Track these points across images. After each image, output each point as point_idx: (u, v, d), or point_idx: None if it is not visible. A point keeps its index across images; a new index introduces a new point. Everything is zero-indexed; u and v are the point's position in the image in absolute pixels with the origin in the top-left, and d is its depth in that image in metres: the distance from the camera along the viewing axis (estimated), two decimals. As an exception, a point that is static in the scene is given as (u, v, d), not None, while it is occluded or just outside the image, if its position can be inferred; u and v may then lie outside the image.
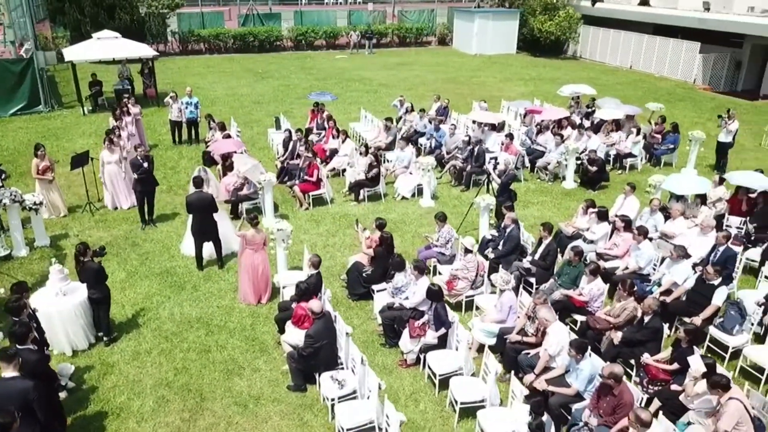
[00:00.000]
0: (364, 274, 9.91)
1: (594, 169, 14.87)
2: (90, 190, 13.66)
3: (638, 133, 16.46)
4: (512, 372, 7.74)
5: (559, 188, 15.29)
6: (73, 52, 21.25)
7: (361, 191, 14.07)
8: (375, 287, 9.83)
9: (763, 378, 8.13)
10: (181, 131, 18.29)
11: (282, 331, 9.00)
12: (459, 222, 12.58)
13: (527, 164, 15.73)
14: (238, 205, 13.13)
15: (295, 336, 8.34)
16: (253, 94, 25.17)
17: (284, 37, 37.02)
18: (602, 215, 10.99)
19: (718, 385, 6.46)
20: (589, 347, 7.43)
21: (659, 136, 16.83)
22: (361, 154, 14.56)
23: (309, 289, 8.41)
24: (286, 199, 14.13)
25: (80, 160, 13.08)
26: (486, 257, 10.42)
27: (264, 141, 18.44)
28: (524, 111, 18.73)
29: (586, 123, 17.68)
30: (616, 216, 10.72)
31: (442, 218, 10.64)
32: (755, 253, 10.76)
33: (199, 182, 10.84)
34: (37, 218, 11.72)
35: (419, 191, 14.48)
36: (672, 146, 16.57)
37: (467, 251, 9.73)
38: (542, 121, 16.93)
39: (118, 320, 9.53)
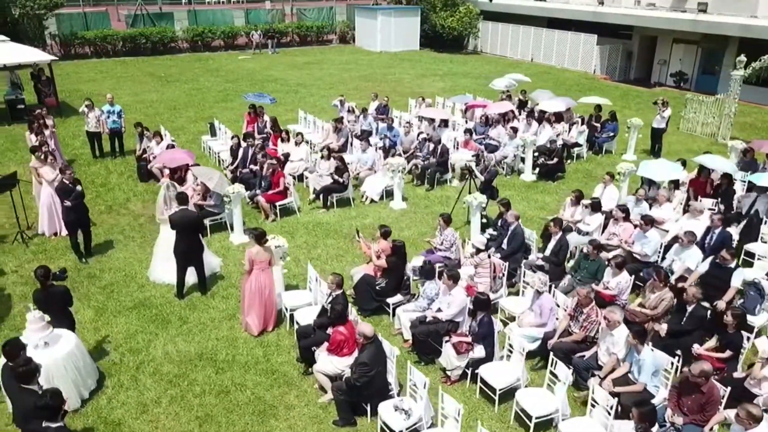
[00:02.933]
0: (377, 287, 9.18)
1: (555, 160, 15.03)
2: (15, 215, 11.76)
3: (582, 123, 16.90)
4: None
5: (518, 181, 15.30)
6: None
7: (329, 197, 13.23)
8: (390, 300, 9.16)
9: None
10: (101, 143, 16.36)
11: (304, 359, 8.13)
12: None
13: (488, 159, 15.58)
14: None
15: (332, 364, 7.51)
16: (163, 99, 23.24)
17: (179, 38, 34.74)
18: (595, 206, 11.01)
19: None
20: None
21: (598, 125, 17.38)
22: (323, 157, 13.73)
23: (345, 312, 7.60)
24: (247, 212, 12.98)
25: (7, 182, 11.18)
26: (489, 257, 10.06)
27: (198, 149, 16.93)
28: (464, 106, 18.66)
29: (521, 115, 17.88)
30: (617, 206, 10.75)
31: (447, 220, 10.16)
32: (735, 233, 11.24)
33: (183, 199, 9.57)
34: (-33, 255, 9.86)
35: (387, 193, 13.90)
36: (612, 134, 17.19)
37: (478, 251, 9.33)
38: (485, 115, 16.91)
39: (105, 367, 8.15)
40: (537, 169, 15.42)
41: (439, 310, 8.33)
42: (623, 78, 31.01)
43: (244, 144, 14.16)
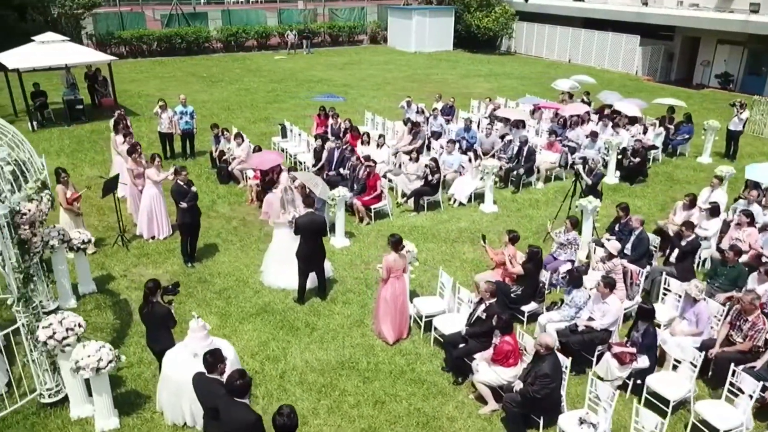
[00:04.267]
0: (512, 295, 8.93)
1: (637, 160, 14.78)
2: (105, 218, 11.54)
3: (660, 125, 16.65)
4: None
5: (601, 184, 15.01)
6: (13, 59, 18.12)
7: (420, 200, 12.99)
8: (525, 308, 8.92)
9: None
10: (172, 144, 16.13)
11: (455, 369, 7.89)
12: (548, 224, 11.90)
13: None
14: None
15: (496, 375, 7.27)
16: (214, 100, 23.01)
17: (213, 38, 34.53)
18: (714, 210, 10.75)
19: None
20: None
21: (672, 127, 17.13)
22: (411, 159, 13.49)
23: (512, 322, 7.35)
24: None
25: (111, 185, 10.94)
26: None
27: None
28: (532, 107, 18.40)
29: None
30: (741, 211, 10.49)
31: (575, 223, 9.95)
32: None
33: (311, 202, 9.33)
34: (82, 260, 9.60)
35: (474, 196, 13.64)
36: (687, 136, 16.92)
37: (611, 256, 9.08)
38: (562, 117, 16.67)
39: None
40: (618, 172, 15.17)
41: (590, 318, 8.09)
42: (664, 79, 30.78)
43: (333, 144, 13.89)
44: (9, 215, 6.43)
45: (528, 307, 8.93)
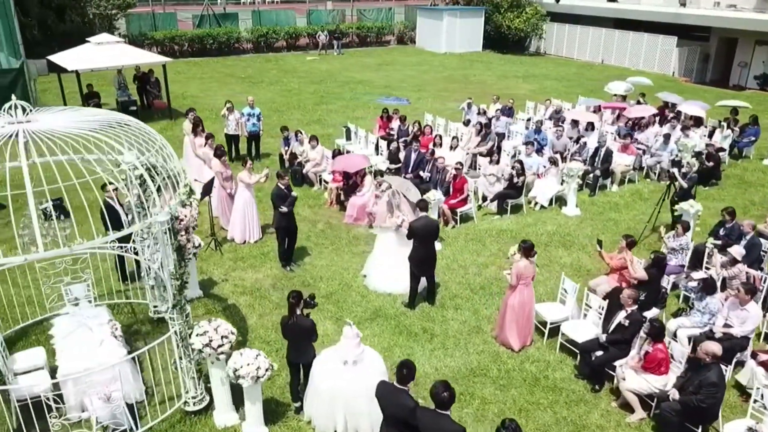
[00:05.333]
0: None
1: (711, 164, 14.66)
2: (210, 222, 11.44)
3: (727, 128, 16.54)
4: None
5: (695, 189, 14.84)
6: (71, 61, 18.02)
7: (504, 203, 12.88)
8: (647, 314, 8.78)
9: None
10: (238, 146, 16.04)
11: (592, 376, 7.78)
12: (642, 229, 11.82)
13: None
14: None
15: (646, 383, 7.15)
16: (260, 101, 22.59)
17: (243, 38, 34.42)
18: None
19: None
20: None
21: (737, 129, 17.01)
22: (492, 162, 13.37)
23: (663, 329, 7.24)
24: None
25: (208, 188, 10.83)
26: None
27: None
28: (593, 109, 18.26)
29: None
30: None
31: (687, 227, 9.83)
32: None
33: (425, 206, 9.23)
34: (192, 264, 9.50)
35: (555, 199, 13.54)
36: (753, 138, 16.81)
37: (735, 261, 8.96)
38: (631, 119, 16.56)
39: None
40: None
41: (726, 325, 7.96)
42: (699, 80, 30.64)
43: (414, 146, 13.78)
44: (169, 221, 6.32)
45: (649, 313, 8.79)
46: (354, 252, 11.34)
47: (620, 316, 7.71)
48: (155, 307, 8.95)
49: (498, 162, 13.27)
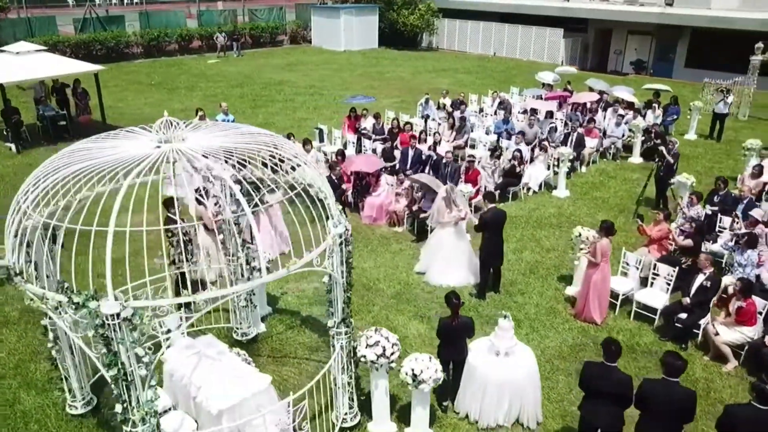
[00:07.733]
0: (683, 266, 9.82)
1: (658, 141, 16.41)
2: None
3: (658, 108, 18.54)
4: None
5: (628, 165, 16.51)
6: (-10, 73, 15.99)
7: (506, 191, 13.57)
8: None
9: None
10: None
11: (679, 336, 8.63)
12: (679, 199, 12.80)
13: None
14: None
15: (740, 334, 8.12)
16: (191, 108, 21.61)
17: (133, 42, 32.21)
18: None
19: None
20: None
21: (661, 109, 19.13)
22: (493, 155, 13.97)
23: (751, 285, 8.23)
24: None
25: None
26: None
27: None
28: (543, 97, 19.55)
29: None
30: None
31: (699, 197, 11.07)
32: None
33: (493, 198, 9.56)
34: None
35: (542, 184, 14.47)
36: (675, 116, 18.99)
37: (756, 222, 10.25)
38: (579, 105, 18.03)
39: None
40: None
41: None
42: (581, 67, 33.64)
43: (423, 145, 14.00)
44: (344, 233, 6.16)
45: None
46: (391, 251, 11.41)
47: (700, 279, 8.62)
48: (239, 328, 8.52)
49: (500, 156, 13.81)
